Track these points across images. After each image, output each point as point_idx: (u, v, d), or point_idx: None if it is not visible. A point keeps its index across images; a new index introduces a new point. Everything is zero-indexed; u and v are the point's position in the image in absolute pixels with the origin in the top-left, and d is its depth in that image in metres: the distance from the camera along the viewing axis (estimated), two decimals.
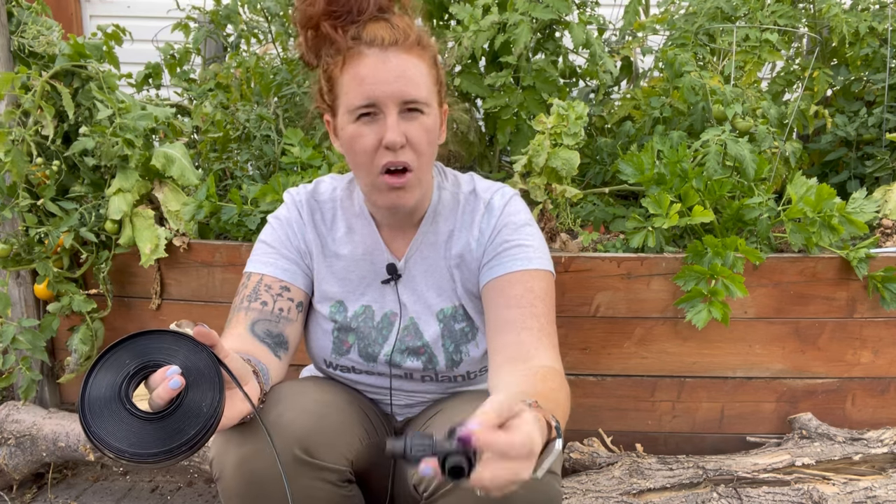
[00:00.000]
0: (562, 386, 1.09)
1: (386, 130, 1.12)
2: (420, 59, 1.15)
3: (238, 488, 1.05)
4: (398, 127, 1.12)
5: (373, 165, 1.15)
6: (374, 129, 1.13)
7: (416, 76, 1.13)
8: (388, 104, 1.12)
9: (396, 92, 1.11)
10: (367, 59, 1.12)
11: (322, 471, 1.09)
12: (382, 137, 1.12)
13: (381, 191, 1.18)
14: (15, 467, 1.92)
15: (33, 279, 2.06)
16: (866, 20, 2.20)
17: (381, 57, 1.11)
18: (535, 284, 1.21)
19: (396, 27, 1.13)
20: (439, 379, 1.31)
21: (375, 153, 1.14)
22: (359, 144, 1.15)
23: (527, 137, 2.02)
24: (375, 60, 1.11)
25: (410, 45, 1.13)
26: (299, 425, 1.08)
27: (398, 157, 1.13)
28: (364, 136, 1.14)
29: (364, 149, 1.14)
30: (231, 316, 1.23)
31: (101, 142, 1.84)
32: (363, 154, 1.15)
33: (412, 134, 1.14)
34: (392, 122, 1.12)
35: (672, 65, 2.10)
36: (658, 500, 1.65)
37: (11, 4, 1.99)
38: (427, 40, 1.17)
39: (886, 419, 1.88)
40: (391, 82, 1.11)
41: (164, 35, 2.63)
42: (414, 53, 1.14)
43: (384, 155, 1.13)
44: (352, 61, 1.13)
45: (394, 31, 1.13)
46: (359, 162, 1.17)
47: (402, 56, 1.12)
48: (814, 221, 1.74)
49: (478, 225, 1.29)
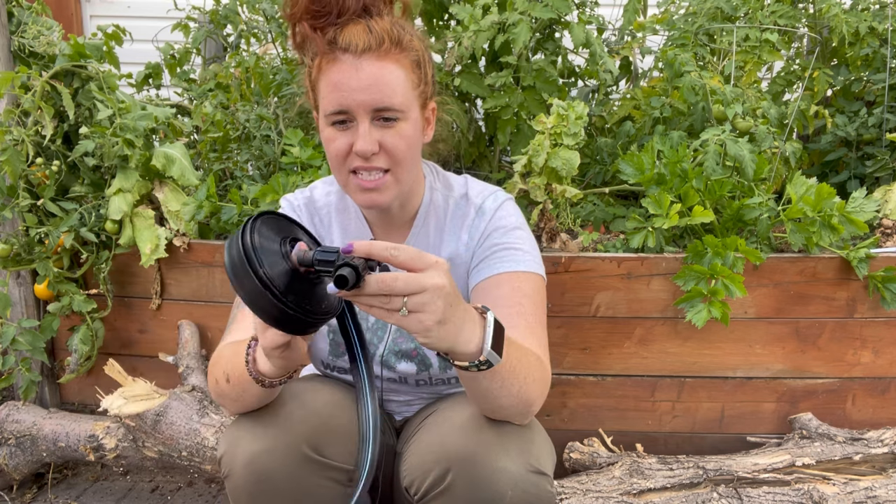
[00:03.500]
0: (539, 364, 1.08)
1: (357, 139, 1.12)
2: (396, 64, 1.13)
3: (247, 486, 1.05)
4: (370, 136, 1.12)
5: (343, 167, 1.16)
6: (346, 135, 1.14)
7: (391, 83, 1.12)
8: (359, 112, 1.12)
9: (368, 100, 1.11)
10: (341, 66, 1.11)
11: (330, 469, 1.10)
12: (353, 144, 1.13)
13: (353, 191, 1.19)
14: (15, 467, 1.92)
15: (33, 279, 2.06)
16: (866, 20, 2.20)
17: (355, 64, 1.10)
18: (522, 285, 1.20)
19: (373, 31, 1.11)
20: (433, 382, 1.31)
21: (346, 158, 1.15)
22: (332, 148, 1.15)
23: (527, 137, 2.02)
24: (349, 67, 1.11)
25: (386, 50, 1.12)
26: (309, 424, 1.09)
27: (370, 164, 1.14)
28: (336, 141, 1.14)
29: (336, 153, 1.15)
30: (235, 311, 1.23)
31: (101, 142, 1.84)
32: (336, 158, 1.16)
33: (387, 142, 1.14)
34: (363, 131, 1.12)
35: (672, 65, 2.10)
36: (658, 500, 1.65)
37: (12, 4, 1.99)
38: (409, 41, 1.16)
39: (886, 419, 1.88)
40: (362, 90, 1.10)
41: (164, 35, 2.63)
42: (390, 59, 1.12)
43: (355, 160, 1.14)
44: (327, 66, 1.13)
45: (369, 37, 1.11)
46: (332, 163, 1.18)
47: (375, 63, 1.11)
48: (814, 221, 1.74)
49: (467, 229, 1.29)
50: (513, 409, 1.05)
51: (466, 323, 0.90)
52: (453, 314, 0.87)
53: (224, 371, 1.08)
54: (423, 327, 0.85)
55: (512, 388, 1.01)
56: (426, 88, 1.21)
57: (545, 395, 1.09)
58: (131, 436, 1.82)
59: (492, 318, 0.95)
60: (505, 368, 0.97)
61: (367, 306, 0.85)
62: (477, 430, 1.06)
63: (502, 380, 0.98)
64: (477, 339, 0.92)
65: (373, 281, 0.83)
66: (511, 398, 1.02)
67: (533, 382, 1.05)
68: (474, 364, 0.93)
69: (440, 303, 0.85)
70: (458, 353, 0.91)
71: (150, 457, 1.82)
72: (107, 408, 1.77)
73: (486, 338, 0.93)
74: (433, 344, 0.88)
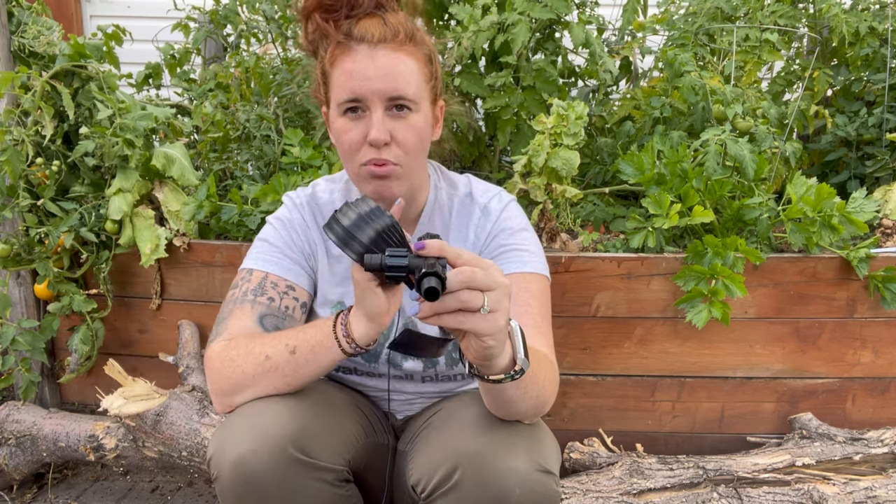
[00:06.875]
0: (551, 365, 1.09)
1: (371, 127, 1.12)
2: (411, 57, 1.14)
3: (234, 487, 1.05)
4: (383, 125, 1.12)
5: (356, 158, 1.16)
6: (359, 124, 1.14)
7: (405, 73, 1.13)
8: (373, 101, 1.12)
9: (383, 89, 1.12)
10: (356, 55, 1.12)
11: (319, 470, 1.09)
12: (367, 134, 1.13)
13: (365, 179, 1.18)
14: (15, 467, 1.92)
15: (33, 279, 2.06)
16: (866, 20, 2.20)
17: (370, 53, 1.11)
18: (529, 285, 1.21)
19: (389, 24, 1.13)
20: (439, 379, 1.31)
21: (360, 149, 1.15)
22: (345, 138, 1.16)
23: (527, 137, 2.02)
24: (364, 56, 1.11)
25: (401, 41, 1.13)
26: (296, 424, 1.08)
27: (381, 154, 1.14)
28: (350, 131, 1.15)
29: (350, 143, 1.15)
30: (232, 307, 1.21)
31: (101, 142, 1.84)
32: (349, 148, 1.16)
33: (399, 133, 1.14)
34: (377, 120, 1.12)
35: (672, 65, 2.10)
36: (658, 500, 1.65)
37: (12, 4, 1.99)
38: (421, 37, 1.17)
39: (887, 419, 1.88)
40: (378, 79, 1.11)
41: (164, 35, 2.63)
42: (405, 51, 1.14)
43: (368, 151, 1.14)
44: (342, 56, 1.13)
45: (385, 28, 1.13)
46: (345, 154, 1.18)
47: (391, 54, 1.12)
48: (814, 221, 1.74)
49: (473, 229, 1.29)
50: (530, 412, 1.06)
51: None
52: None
53: (285, 344, 1.08)
54: (499, 327, 0.84)
55: (532, 393, 1.01)
56: (436, 84, 1.22)
57: (556, 395, 1.10)
58: (131, 436, 1.82)
59: (517, 326, 0.94)
60: (528, 375, 0.97)
61: (446, 313, 0.83)
62: (486, 428, 1.06)
63: (526, 386, 0.99)
64: (509, 349, 0.91)
65: (454, 276, 0.81)
66: (530, 402, 1.03)
67: (548, 385, 1.06)
68: (509, 375, 0.93)
69: (506, 302, 0.84)
70: (495, 364, 0.90)
71: (150, 457, 1.82)
72: (107, 408, 1.76)
73: (518, 346, 0.92)
74: (495, 350, 0.86)
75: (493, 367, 0.91)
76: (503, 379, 0.93)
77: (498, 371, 0.92)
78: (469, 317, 0.83)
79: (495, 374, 0.93)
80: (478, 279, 0.81)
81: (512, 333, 0.93)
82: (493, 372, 0.92)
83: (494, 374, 0.93)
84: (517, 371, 0.92)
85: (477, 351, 0.87)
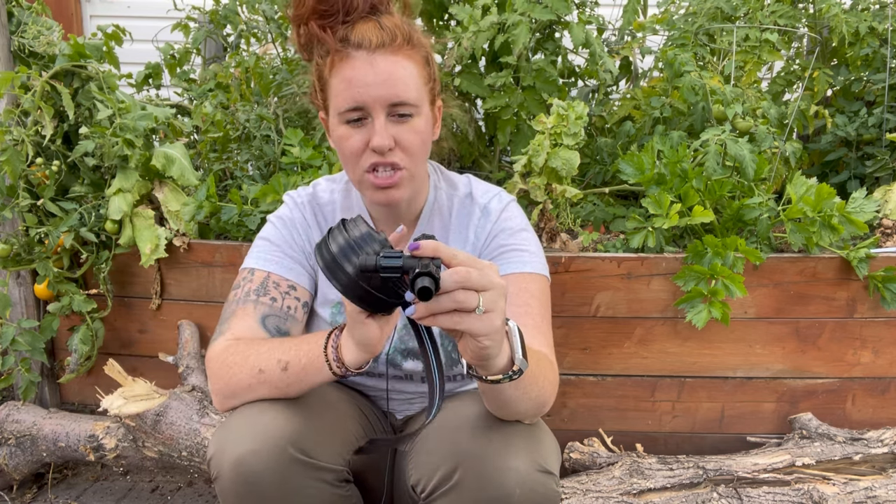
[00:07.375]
0: (551, 366, 1.08)
1: (373, 134, 1.12)
2: (409, 60, 1.14)
3: (234, 487, 1.05)
4: (386, 131, 1.12)
5: (359, 165, 1.16)
6: (362, 132, 1.14)
7: (405, 78, 1.13)
8: (375, 107, 1.12)
9: (384, 95, 1.11)
10: (354, 62, 1.11)
11: (318, 470, 1.09)
12: (370, 140, 1.13)
13: (369, 188, 1.18)
14: (15, 467, 1.92)
15: (33, 279, 2.06)
16: (866, 20, 2.20)
17: (369, 60, 1.11)
18: (529, 286, 1.21)
19: (385, 28, 1.12)
20: None
21: (362, 155, 1.15)
22: (346, 145, 1.15)
23: (527, 137, 2.02)
24: (363, 63, 1.11)
25: (399, 45, 1.13)
26: (295, 424, 1.08)
27: (386, 159, 1.14)
28: (352, 139, 1.14)
29: (352, 150, 1.15)
30: (235, 307, 1.21)
31: (101, 142, 1.84)
32: (351, 154, 1.16)
33: (402, 137, 1.14)
34: (380, 126, 1.12)
35: (672, 65, 2.10)
36: (658, 500, 1.65)
37: (11, 4, 1.99)
38: (418, 38, 1.17)
39: (886, 419, 1.88)
40: (378, 85, 1.11)
41: (164, 35, 2.63)
42: (403, 54, 1.13)
43: (371, 156, 1.14)
44: (340, 64, 1.13)
45: (382, 33, 1.12)
46: (346, 160, 1.18)
47: (390, 58, 1.12)
48: (814, 221, 1.74)
49: (473, 229, 1.29)
50: (530, 412, 1.05)
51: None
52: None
53: (278, 359, 1.07)
54: (494, 328, 0.83)
55: (531, 394, 1.01)
56: (435, 85, 1.22)
57: (555, 395, 1.10)
58: (131, 436, 1.82)
59: (515, 326, 0.94)
60: (527, 375, 0.96)
61: (442, 314, 0.82)
62: (486, 429, 1.06)
63: (525, 387, 0.99)
64: (507, 349, 0.91)
65: (448, 277, 0.81)
66: (530, 402, 1.02)
67: (548, 385, 1.06)
68: (507, 376, 0.92)
69: (502, 302, 0.84)
70: (492, 365, 0.90)
71: (150, 457, 1.82)
72: (107, 408, 1.76)
73: (516, 347, 0.92)
74: (491, 350, 0.86)
75: (490, 367, 0.91)
76: (501, 379, 0.93)
77: (496, 371, 0.92)
78: (464, 317, 0.82)
79: (493, 375, 0.92)
80: (473, 279, 0.81)
81: (509, 334, 0.93)
82: (491, 372, 0.92)
83: (492, 375, 0.92)
84: (515, 371, 0.92)
85: (474, 351, 0.87)
